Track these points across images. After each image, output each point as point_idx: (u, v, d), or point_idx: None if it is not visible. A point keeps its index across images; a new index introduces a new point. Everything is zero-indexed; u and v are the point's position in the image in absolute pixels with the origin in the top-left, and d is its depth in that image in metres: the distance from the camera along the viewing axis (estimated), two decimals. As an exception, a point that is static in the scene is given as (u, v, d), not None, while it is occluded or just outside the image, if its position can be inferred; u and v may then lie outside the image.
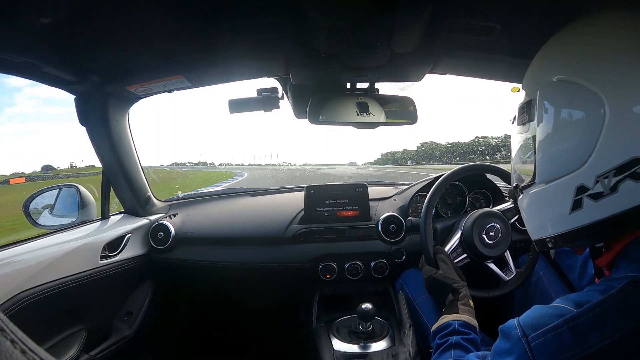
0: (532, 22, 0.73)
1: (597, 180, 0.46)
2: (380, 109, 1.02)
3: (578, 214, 0.49)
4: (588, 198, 0.47)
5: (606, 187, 0.45)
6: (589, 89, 0.46)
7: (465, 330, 0.77)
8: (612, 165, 0.44)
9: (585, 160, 0.47)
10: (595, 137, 0.46)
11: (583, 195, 0.47)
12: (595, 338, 0.42)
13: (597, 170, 0.46)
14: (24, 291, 0.85)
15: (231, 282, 1.42)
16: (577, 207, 0.48)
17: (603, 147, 0.45)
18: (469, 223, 0.99)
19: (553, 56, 0.55)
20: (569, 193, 0.49)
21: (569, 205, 0.49)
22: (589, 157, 0.46)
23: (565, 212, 0.50)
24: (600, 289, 0.46)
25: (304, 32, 0.76)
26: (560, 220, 0.51)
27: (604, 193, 0.45)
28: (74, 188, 1.22)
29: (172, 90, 1.05)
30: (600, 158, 0.46)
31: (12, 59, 0.76)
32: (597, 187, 0.46)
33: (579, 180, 0.48)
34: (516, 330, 0.48)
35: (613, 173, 0.44)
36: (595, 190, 0.46)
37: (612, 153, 0.45)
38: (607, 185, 0.45)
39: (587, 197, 0.47)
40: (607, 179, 0.45)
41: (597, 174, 0.46)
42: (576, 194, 0.48)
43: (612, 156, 0.45)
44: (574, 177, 0.48)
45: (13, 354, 0.17)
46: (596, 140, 0.45)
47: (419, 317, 0.99)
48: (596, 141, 0.45)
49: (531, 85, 0.57)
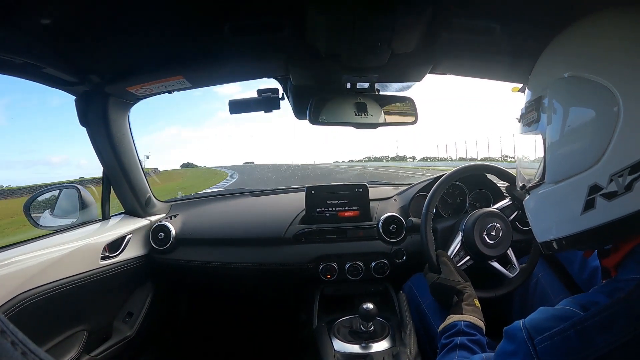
0: (532, 22, 0.73)
1: (612, 179, 0.44)
2: (379, 110, 1.02)
3: (590, 214, 0.46)
4: (601, 197, 0.45)
5: (621, 186, 0.43)
6: (602, 85, 0.45)
7: (470, 331, 0.77)
8: (627, 163, 0.43)
9: (598, 158, 0.45)
10: (609, 134, 0.44)
11: (596, 194, 0.45)
12: (602, 342, 0.41)
13: (612, 169, 0.44)
14: (25, 292, 0.85)
15: (232, 283, 1.42)
16: (590, 207, 0.46)
17: (618, 144, 0.43)
18: (470, 224, 0.99)
19: (563, 51, 0.53)
20: (580, 193, 0.47)
21: (580, 205, 0.47)
22: (602, 155, 0.45)
23: (577, 213, 0.48)
24: (607, 291, 0.45)
25: (304, 33, 0.76)
26: (571, 221, 0.49)
27: (619, 192, 0.43)
28: (75, 189, 1.22)
29: (173, 90, 1.05)
30: (614, 156, 0.44)
31: (13, 60, 0.76)
32: (611, 186, 0.44)
33: (592, 179, 0.46)
34: (521, 333, 0.48)
35: (628, 171, 0.42)
36: (609, 189, 0.44)
37: (627, 150, 0.43)
38: (622, 184, 0.43)
39: (600, 196, 0.45)
40: (622, 177, 0.43)
41: (612, 173, 0.44)
42: (589, 193, 0.46)
43: (627, 154, 0.43)
44: (587, 176, 0.46)
45: (14, 355, 0.17)
46: (610, 138, 0.44)
47: (426, 319, 0.99)
48: (610, 138, 0.44)
49: (539, 82, 0.55)
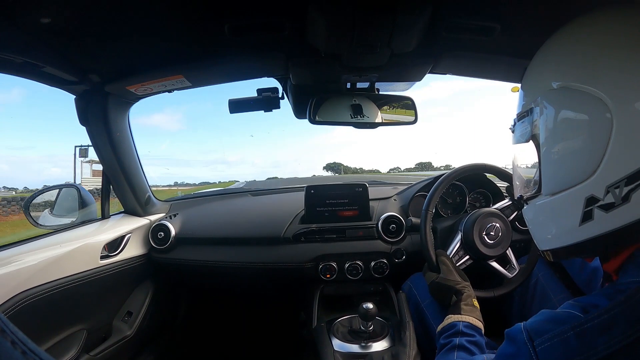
0: (533, 22, 0.73)
1: (608, 191, 0.44)
2: (376, 110, 1.02)
3: (588, 225, 0.46)
4: (599, 209, 0.45)
5: (617, 197, 0.43)
6: (593, 95, 0.44)
7: (469, 332, 0.76)
8: (622, 174, 0.42)
9: (593, 170, 0.45)
10: (603, 146, 0.43)
11: (593, 206, 0.45)
12: (601, 344, 0.41)
13: (608, 180, 0.44)
14: (24, 291, 0.85)
15: (231, 282, 1.42)
16: (588, 218, 0.46)
17: (612, 155, 0.43)
18: (469, 223, 0.99)
19: (551, 60, 0.52)
20: (578, 205, 0.47)
21: (578, 217, 0.47)
22: (597, 167, 0.44)
23: (575, 224, 0.47)
24: (608, 294, 0.45)
25: (304, 32, 0.76)
26: (569, 232, 0.49)
27: (616, 203, 0.43)
28: (74, 188, 1.22)
29: (172, 90, 1.04)
30: (609, 167, 0.43)
31: (13, 59, 0.76)
32: (608, 198, 0.44)
33: (588, 191, 0.45)
34: (522, 335, 0.47)
35: (624, 182, 0.42)
36: (606, 201, 0.44)
37: (622, 161, 0.43)
38: (619, 196, 0.43)
39: (597, 208, 0.45)
40: (618, 189, 0.43)
41: (608, 184, 0.43)
42: (586, 205, 0.46)
43: (622, 165, 0.43)
44: (583, 188, 0.46)
45: (13, 355, 0.17)
46: (604, 149, 0.43)
47: (425, 319, 0.99)
48: (604, 150, 0.43)
49: (530, 93, 0.54)
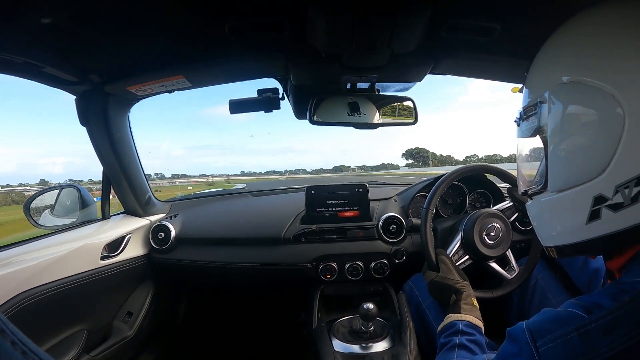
0: (533, 22, 0.73)
1: (617, 191, 0.42)
2: (374, 109, 1.02)
3: (595, 224, 0.45)
4: (607, 209, 0.44)
5: (627, 197, 0.42)
6: (604, 91, 0.42)
7: (469, 331, 0.77)
8: (633, 174, 0.41)
9: (603, 168, 0.43)
10: (614, 144, 0.42)
11: (601, 205, 0.44)
12: (605, 345, 0.40)
13: (617, 180, 0.42)
14: (25, 291, 0.85)
15: (232, 283, 1.42)
16: (595, 217, 0.45)
17: (623, 154, 0.42)
18: (470, 224, 1.00)
19: (560, 53, 0.50)
20: (585, 203, 0.45)
21: (585, 215, 0.46)
22: (607, 166, 0.43)
23: (582, 223, 0.46)
24: (611, 293, 0.45)
25: (304, 33, 0.76)
26: (575, 230, 0.48)
27: (625, 204, 0.42)
28: (75, 188, 1.22)
29: (173, 90, 1.05)
30: (620, 166, 0.42)
31: (13, 59, 0.76)
32: (617, 198, 0.42)
33: (596, 190, 0.44)
34: (524, 335, 0.47)
35: (634, 183, 0.41)
36: (615, 200, 0.43)
37: (633, 161, 0.41)
38: (628, 196, 0.41)
39: (605, 207, 0.44)
40: (628, 189, 0.41)
41: (617, 184, 0.42)
42: (594, 204, 0.45)
43: (633, 164, 0.41)
44: (591, 186, 0.45)
45: (13, 355, 0.17)
46: (615, 147, 0.42)
47: (426, 319, 0.99)
48: (615, 148, 0.42)
49: (537, 86, 0.52)
